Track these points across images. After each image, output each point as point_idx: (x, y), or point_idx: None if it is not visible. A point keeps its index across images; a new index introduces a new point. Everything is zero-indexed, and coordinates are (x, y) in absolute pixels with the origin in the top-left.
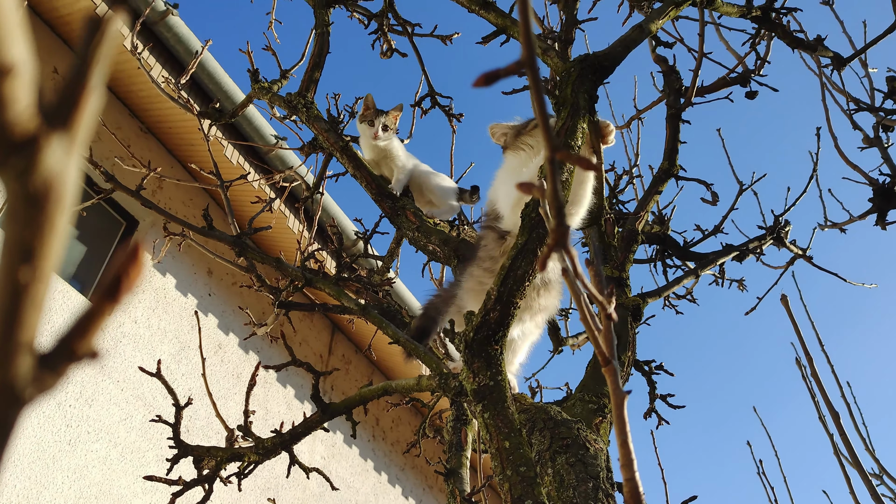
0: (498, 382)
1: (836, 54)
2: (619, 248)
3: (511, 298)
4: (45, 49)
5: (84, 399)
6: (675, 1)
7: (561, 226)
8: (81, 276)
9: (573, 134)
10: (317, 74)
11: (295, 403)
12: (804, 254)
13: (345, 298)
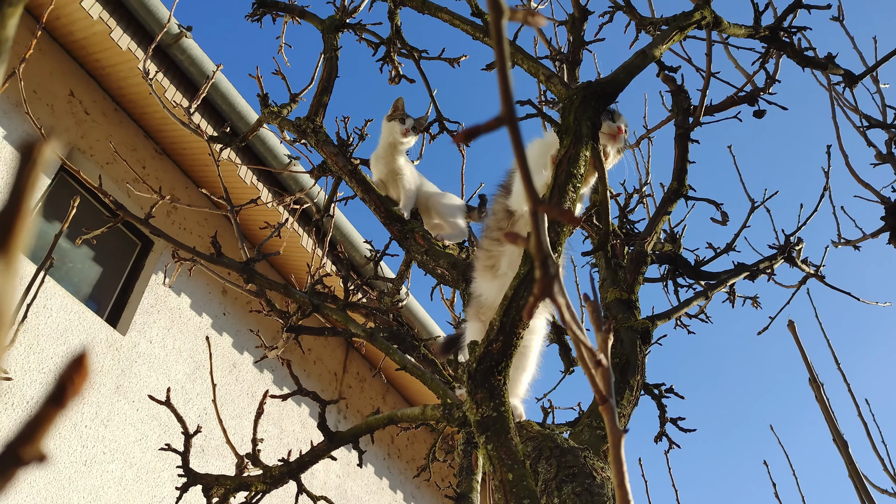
0: (501, 413)
1: (847, 72)
2: (627, 270)
3: (514, 329)
4: (62, 72)
5: (100, 419)
6: (679, 25)
7: (546, 276)
8: (97, 296)
9: (576, 162)
10: (325, 98)
11: (310, 422)
12: (816, 273)
13: (352, 324)
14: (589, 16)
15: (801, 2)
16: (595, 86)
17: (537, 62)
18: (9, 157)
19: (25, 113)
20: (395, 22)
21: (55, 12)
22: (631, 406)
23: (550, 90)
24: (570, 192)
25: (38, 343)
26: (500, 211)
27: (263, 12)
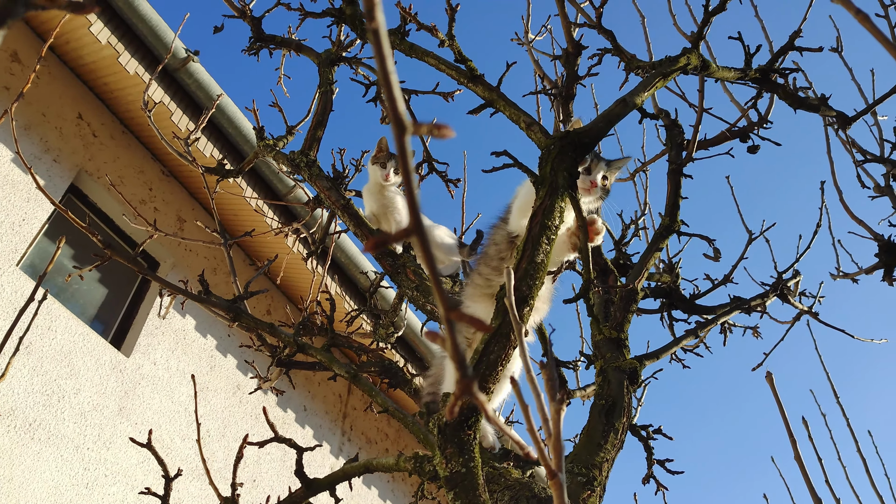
0: (470, 469)
1: (839, 114)
2: (617, 308)
3: (484, 383)
4: (71, 96)
5: (102, 442)
6: (663, 72)
7: (465, 378)
8: (103, 317)
9: (550, 214)
10: (319, 133)
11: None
12: (810, 310)
13: (335, 365)
14: (583, 50)
15: (793, 44)
16: (573, 136)
17: (518, 109)
18: (16, 180)
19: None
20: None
21: (64, 37)
22: (615, 450)
23: (531, 138)
24: (544, 244)
25: (42, 365)
26: (502, 241)
27: (260, 46)
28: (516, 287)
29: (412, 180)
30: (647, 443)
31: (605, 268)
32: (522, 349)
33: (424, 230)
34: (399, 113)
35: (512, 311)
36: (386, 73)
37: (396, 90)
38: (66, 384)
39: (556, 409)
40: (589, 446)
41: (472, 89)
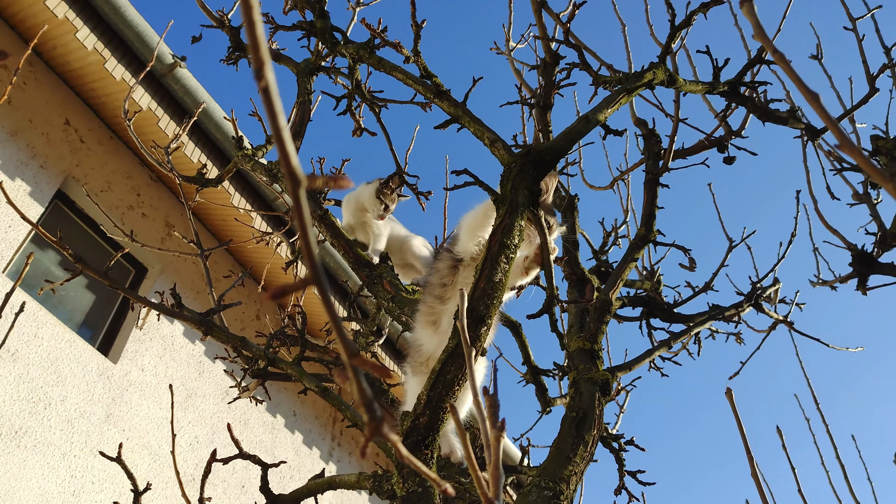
0: (426, 489)
1: (808, 126)
2: (591, 319)
3: (440, 403)
4: (58, 102)
5: (89, 449)
6: (627, 88)
7: (373, 420)
8: (91, 322)
9: (510, 232)
10: (297, 143)
11: (303, 450)
12: (785, 319)
13: (305, 379)
14: (561, 60)
15: (761, 57)
16: (534, 153)
17: (482, 125)
18: (5, 186)
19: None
20: (356, 77)
21: (51, 42)
22: (585, 463)
23: (494, 154)
24: (503, 262)
25: (28, 373)
26: (444, 268)
27: (239, 56)
28: (474, 307)
29: (308, 233)
30: (619, 454)
31: (583, 277)
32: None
33: (324, 280)
34: (292, 168)
35: (463, 334)
36: (278, 130)
37: (289, 146)
38: (52, 391)
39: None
40: (558, 459)
41: (439, 105)
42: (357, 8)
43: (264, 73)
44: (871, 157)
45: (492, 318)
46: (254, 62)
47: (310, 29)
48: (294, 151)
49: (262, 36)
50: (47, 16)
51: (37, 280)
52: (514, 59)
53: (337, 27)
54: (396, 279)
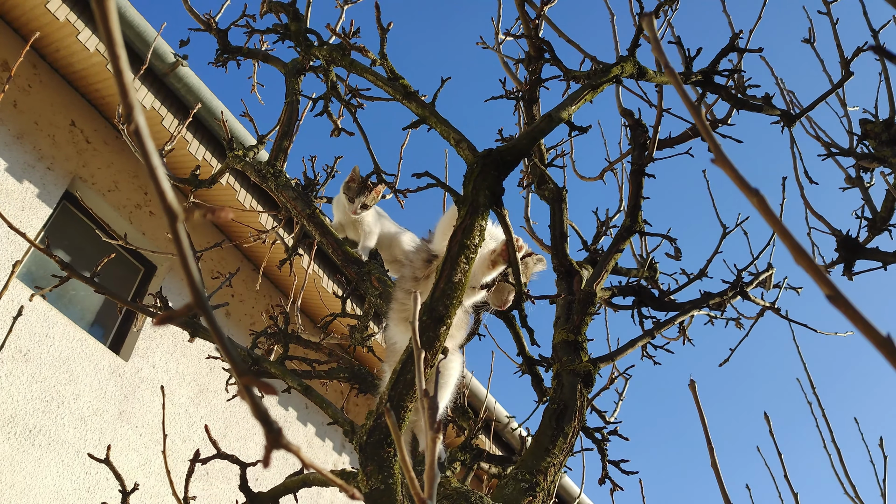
0: (388, 486)
1: (784, 112)
2: (574, 311)
3: (401, 402)
4: (63, 103)
5: (103, 446)
6: (592, 84)
7: (271, 433)
8: (102, 321)
9: (470, 233)
10: (286, 143)
11: (316, 442)
12: (772, 305)
13: (289, 378)
14: (545, 53)
15: (733, 45)
16: (495, 154)
17: (448, 126)
18: (10, 189)
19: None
20: (331, 78)
21: (54, 45)
22: (564, 454)
23: (460, 154)
24: (463, 263)
25: (41, 372)
26: (418, 261)
27: (227, 58)
28: (433, 307)
29: (190, 263)
30: (601, 445)
31: (571, 269)
32: (419, 373)
33: (208, 307)
34: (168, 203)
35: (414, 336)
36: (152, 169)
37: (164, 183)
38: (65, 390)
39: (432, 438)
40: (536, 452)
41: (407, 106)
42: (345, 6)
43: (133, 117)
44: (861, 141)
45: (451, 317)
46: (123, 108)
47: (284, 32)
48: (169, 188)
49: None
50: (49, 19)
51: (47, 281)
52: (502, 53)
53: (311, 30)
54: (385, 275)
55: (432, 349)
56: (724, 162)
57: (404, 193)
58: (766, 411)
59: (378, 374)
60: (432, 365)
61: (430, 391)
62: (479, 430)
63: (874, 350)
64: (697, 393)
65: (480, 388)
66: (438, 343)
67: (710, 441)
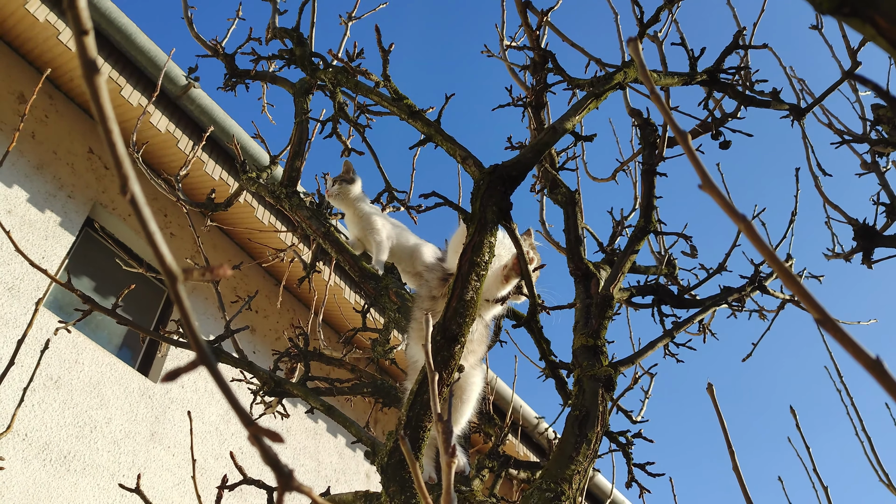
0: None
1: (792, 106)
2: (593, 315)
3: (420, 423)
4: (80, 131)
5: (136, 467)
6: (595, 93)
7: (281, 476)
8: (129, 344)
9: (479, 250)
10: (297, 163)
11: (347, 453)
12: (792, 298)
13: (311, 398)
14: (549, 62)
15: (737, 43)
16: (500, 170)
17: (454, 143)
18: (33, 219)
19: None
20: (338, 100)
21: (68, 75)
22: (588, 461)
23: (467, 171)
24: (474, 280)
25: (72, 398)
26: (433, 279)
27: (236, 82)
28: (447, 326)
29: (190, 320)
30: (626, 449)
31: (587, 272)
32: (433, 396)
33: (212, 360)
34: (167, 266)
35: (427, 359)
36: (150, 235)
37: (163, 248)
38: (97, 414)
39: (447, 462)
40: (560, 460)
41: (413, 125)
42: (349, 22)
43: (129, 187)
44: (874, 126)
45: (465, 336)
46: (119, 178)
47: (290, 57)
48: (167, 252)
49: (125, 155)
50: (61, 49)
51: (69, 306)
52: (508, 61)
53: (317, 53)
54: (403, 289)
55: (447, 368)
56: (711, 188)
57: (417, 210)
58: (791, 405)
59: (400, 390)
60: (448, 384)
61: (444, 414)
62: (507, 435)
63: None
64: (715, 395)
65: (506, 390)
66: (453, 362)
67: (731, 444)
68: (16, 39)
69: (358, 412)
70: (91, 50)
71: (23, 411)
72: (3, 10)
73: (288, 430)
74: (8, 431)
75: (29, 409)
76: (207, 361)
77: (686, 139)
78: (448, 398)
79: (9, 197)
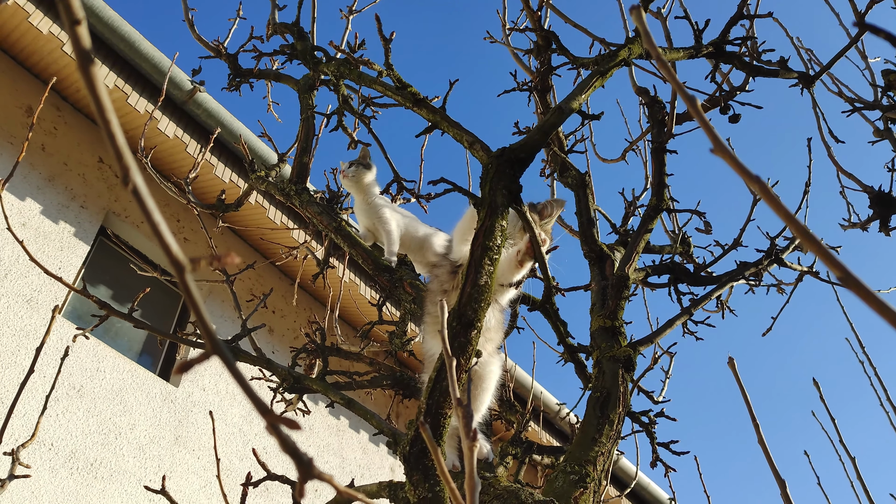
0: (436, 494)
1: (801, 74)
2: (609, 296)
3: (440, 410)
4: (89, 141)
5: (162, 471)
6: (600, 70)
7: (301, 464)
8: (149, 350)
9: (491, 234)
10: (305, 159)
11: (370, 448)
12: (810, 269)
13: (331, 393)
14: (552, 43)
15: (742, 13)
16: (508, 152)
17: (461, 129)
18: (48, 230)
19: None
20: (342, 92)
21: (74, 85)
22: (611, 441)
23: (475, 156)
24: (487, 265)
25: (96, 406)
26: (443, 274)
27: (240, 81)
28: (462, 312)
29: (202, 312)
30: (649, 429)
31: (602, 254)
32: (451, 380)
33: (223, 349)
34: (174, 256)
35: (444, 345)
36: (154, 225)
37: (168, 237)
38: (120, 421)
39: (469, 447)
40: (583, 442)
41: (418, 112)
42: (350, 16)
43: (131, 178)
44: (885, 92)
45: (481, 321)
46: (120, 170)
47: (292, 52)
48: (173, 242)
49: (125, 146)
50: (67, 61)
51: (87, 314)
52: (511, 46)
53: (318, 46)
54: (417, 280)
55: (465, 354)
56: (724, 151)
57: (427, 198)
58: (814, 377)
59: (419, 381)
60: (466, 370)
61: (464, 399)
62: (528, 422)
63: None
64: (737, 368)
65: (526, 378)
66: (471, 347)
67: (755, 416)
68: (21, 53)
69: (379, 406)
70: (84, 40)
71: (48, 421)
72: (6, 25)
73: (311, 427)
74: (32, 440)
75: (53, 418)
76: (219, 350)
77: (695, 103)
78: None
79: (22, 210)
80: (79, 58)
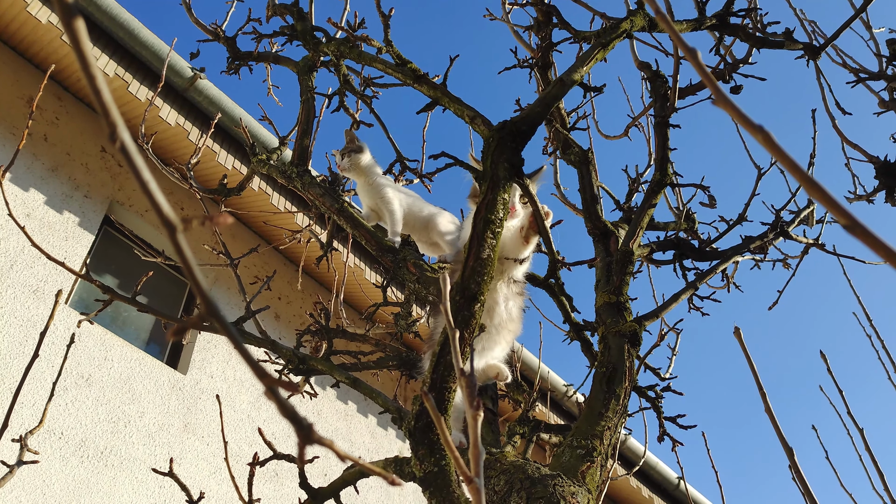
0: (442, 468)
1: (806, 45)
2: (614, 271)
3: (444, 384)
4: (91, 131)
5: (172, 458)
6: (602, 42)
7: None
8: (156, 338)
9: (493, 208)
10: (306, 141)
11: (379, 432)
12: (816, 241)
13: (336, 373)
14: (553, 18)
15: None
16: (510, 125)
17: (462, 104)
18: (52, 221)
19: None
20: (342, 73)
21: (75, 75)
22: (618, 416)
23: (476, 131)
24: (490, 238)
25: (104, 395)
26: (454, 259)
27: (239, 65)
28: (465, 285)
29: (195, 272)
30: (655, 403)
31: (606, 230)
32: (455, 351)
33: (221, 314)
34: (165, 215)
35: (447, 318)
36: (144, 184)
37: (158, 196)
38: (129, 409)
39: (473, 416)
40: (590, 417)
41: (418, 89)
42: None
43: (118, 135)
44: (890, 62)
45: (483, 294)
46: (107, 126)
47: (291, 33)
48: (164, 201)
49: (111, 102)
50: (67, 50)
51: (91, 303)
52: (511, 22)
53: (318, 27)
54: (420, 259)
55: (468, 328)
56: (725, 102)
57: (430, 177)
58: (821, 350)
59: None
60: (469, 343)
61: (466, 370)
62: (535, 401)
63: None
64: (743, 339)
65: (533, 359)
66: (474, 321)
67: (762, 386)
68: (20, 43)
69: (385, 389)
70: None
71: (57, 410)
72: (6, 15)
73: (319, 412)
74: (40, 426)
75: (62, 407)
76: (213, 311)
77: (696, 55)
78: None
79: (27, 201)
80: (61, 11)
